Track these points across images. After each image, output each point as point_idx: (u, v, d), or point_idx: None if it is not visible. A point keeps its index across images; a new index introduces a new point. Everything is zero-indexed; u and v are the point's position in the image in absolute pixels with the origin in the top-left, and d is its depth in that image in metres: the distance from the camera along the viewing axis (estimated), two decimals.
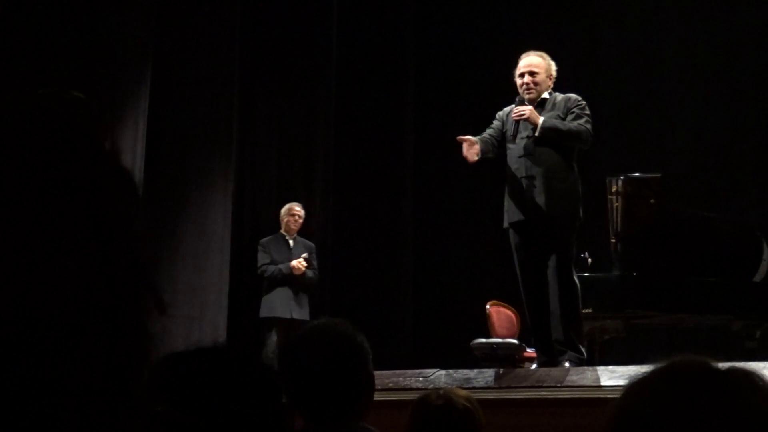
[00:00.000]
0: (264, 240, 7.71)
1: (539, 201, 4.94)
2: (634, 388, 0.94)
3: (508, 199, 5.08)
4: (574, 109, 5.05)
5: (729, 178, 8.66)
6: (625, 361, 4.92)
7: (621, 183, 6.22)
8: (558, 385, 4.53)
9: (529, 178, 4.97)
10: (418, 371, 5.10)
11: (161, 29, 7.54)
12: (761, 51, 8.69)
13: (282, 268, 7.43)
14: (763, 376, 0.93)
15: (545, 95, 5.13)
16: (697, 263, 6.18)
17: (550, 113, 5.04)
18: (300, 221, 7.75)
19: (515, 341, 6.75)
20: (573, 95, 5.15)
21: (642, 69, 9.13)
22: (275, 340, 7.17)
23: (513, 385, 4.70)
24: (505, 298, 7.26)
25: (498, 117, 5.23)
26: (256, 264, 7.63)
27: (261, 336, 7.31)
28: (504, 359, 6.23)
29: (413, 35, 9.78)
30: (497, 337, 6.95)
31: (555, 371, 4.77)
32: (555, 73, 5.18)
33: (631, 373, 1.10)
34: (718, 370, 0.93)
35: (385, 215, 9.29)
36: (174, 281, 7.25)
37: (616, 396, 0.96)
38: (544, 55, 5.18)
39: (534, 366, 5.54)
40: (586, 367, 4.78)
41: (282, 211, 7.78)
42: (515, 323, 7.35)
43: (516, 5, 9.54)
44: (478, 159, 4.93)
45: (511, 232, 5.10)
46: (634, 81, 9.08)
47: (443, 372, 4.98)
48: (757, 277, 6.29)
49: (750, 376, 0.92)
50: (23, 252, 0.58)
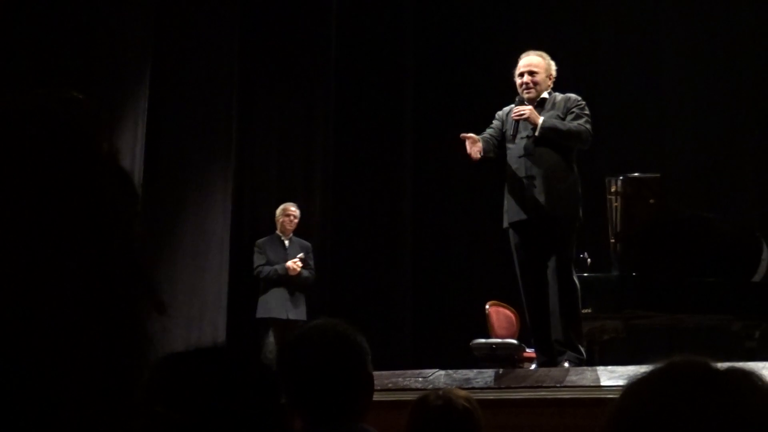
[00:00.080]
0: (260, 241, 7.70)
1: (539, 201, 4.94)
2: (633, 388, 0.94)
3: (507, 199, 5.08)
4: (573, 109, 5.05)
5: (729, 178, 8.66)
6: (625, 361, 4.91)
7: (620, 183, 6.22)
8: (557, 386, 4.52)
9: (529, 178, 4.97)
10: (417, 371, 5.09)
11: (161, 29, 7.54)
12: (761, 51, 8.69)
13: (278, 268, 7.41)
14: (763, 376, 0.93)
15: (545, 95, 5.12)
16: (697, 263, 6.17)
17: (549, 113, 5.03)
18: (295, 221, 7.72)
19: (515, 341, 6.76)
20: (573, 95, 5.15)
21: (642, 69, 9.13)
22: (272, 340, 7.17)
23: (512, 386, 4.69)
24: (505, 298, 7.26)
25: (498, 117, 5.23)
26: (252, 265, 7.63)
27: (259, 336, 7.30)
28: (503, 359, 6.24)
29: (413, 35, 9.77)
30: (497, 338, 6.96)
31: (554, 371, 4.77)
32: (555, 73, 5.17)
33: (631, 373, 1.09)
34: (717, 370, 0.93)
35: (385, 215, 9.29)
36: (173, 281, 7.25)
37: (615, 396, 0.96)
38: (544, 55, 5.18)
39: (533, 366, 5.55)
40: (585, 368, 4.78)
41: (277, 212, 7.75)
42: (515, 323, 7.35)
43: (516, 5, 9.54)
44: (480, 157, 4.93)
45: (511, 232, 5.10)
46: (634, 81, 9.08)
47: (443, 372, 4.98)
48: (757, 277, 6.28)
49: (749, 376, 0.92)
50: (22, 253, 0.58)
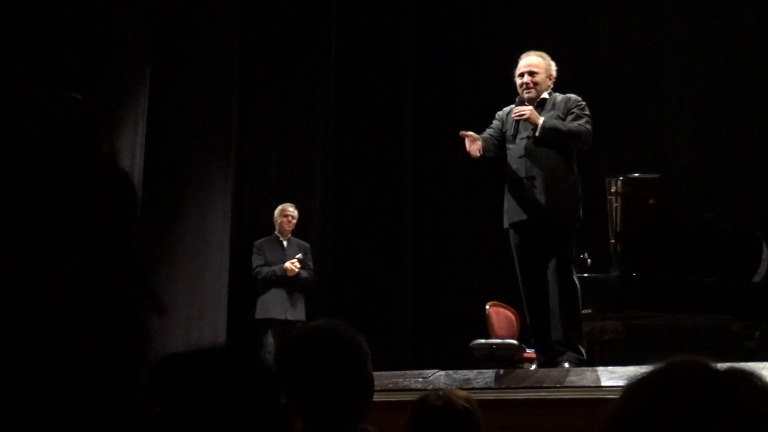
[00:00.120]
0: (258, 242, 7.69)
1: (539, 201, 4.93)
2: (633, 388, 0.94)
3: (508, 200, 5.08)
4: (574, 110, 5.04)
5: (729, 178, 8.66)
6: (625, 362, 4.90)
7: (620, 183, 6.22)
8: (557, 386, 4.52)
9: (529, 178, 4.96)
10: (417, 372, 5.09)
11: (161, 29, 7.54)
12: (761, 51, 8.69)
13: (276, 269, 7.40)
14: (763, 376, 0.93)
15: (545, 95, 5.11)
16: (697, 263, 6.17)
17: (549, 113, 5.03)
18: (293, 222, 7.70)
19: (515, 342, 6.76)
20: (573, 95, 5.14)
21: (642, 69, 9.13)
22: (271, 341, 7.17)
23: (512, 386, 4.69)
24: (505, 298, 7.26)
25: (498, 117, 5.22)
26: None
27: (258, 337, 7.30)
28: (503, 360, 6.24)
29: (412, 35, 9.77)
30: (497, 338, 6.95)
31: (555, 372, 4.76)
32: (555, 73, 5.17)
33: (631, 374, 1.09)
34: (717, 370, 0.93)
35: (385, 215, 9.29)
36: (173, 282, 7.26)
37: (615, 396, 0.96)
38: (544, 55, 5.17)
39: (533, 366, 5.54)
40: (585, 368, 4.77)
41: (275, 212, 7.73)
42: (515, 324, 7.35)
43: (516, 5, 9.54)
44: (480, 155, 4.93)
45: (511, 232, 5.09)
46: (634, 81, 9.08)
47: (443, 373, 4.98)
48: (757, 278, 6.28)
49: (749, 376, 0.92)
50: (23, 253, 0.58)
